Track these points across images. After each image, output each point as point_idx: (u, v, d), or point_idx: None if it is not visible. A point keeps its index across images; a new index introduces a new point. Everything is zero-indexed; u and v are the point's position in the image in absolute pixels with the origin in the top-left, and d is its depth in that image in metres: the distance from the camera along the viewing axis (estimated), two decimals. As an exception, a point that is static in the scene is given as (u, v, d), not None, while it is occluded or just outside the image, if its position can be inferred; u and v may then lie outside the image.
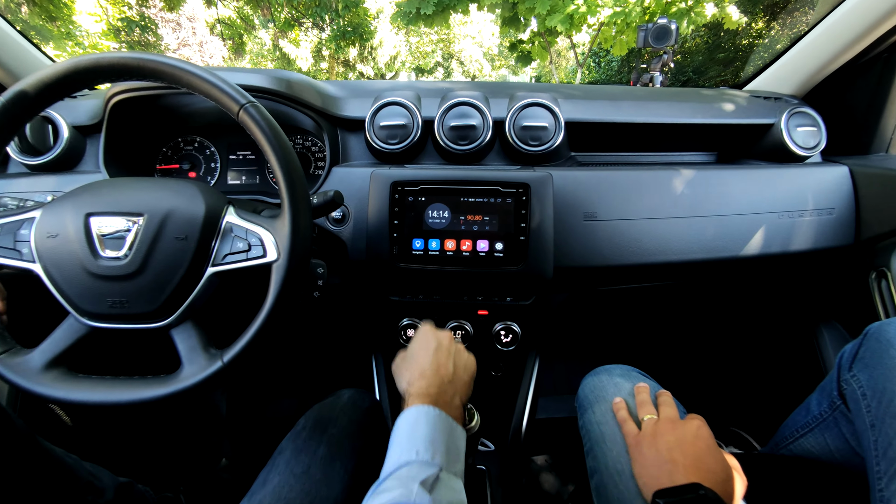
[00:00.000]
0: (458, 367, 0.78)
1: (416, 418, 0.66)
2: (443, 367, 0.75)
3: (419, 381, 0.73)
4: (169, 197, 0.69)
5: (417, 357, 0.78)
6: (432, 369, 0.74)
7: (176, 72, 0.66)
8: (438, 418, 0.67)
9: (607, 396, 0.87)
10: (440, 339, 0.80)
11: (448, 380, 0.74)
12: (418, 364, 0.76)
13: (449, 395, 0.72)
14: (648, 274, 1.06)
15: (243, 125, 0.67)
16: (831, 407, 0.87)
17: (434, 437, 0.64)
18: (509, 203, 0.94)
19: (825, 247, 1.07)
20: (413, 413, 0.67)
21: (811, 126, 1.11)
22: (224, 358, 0.66)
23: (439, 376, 0.74)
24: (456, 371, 0.76)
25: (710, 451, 0.70)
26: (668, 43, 2.64)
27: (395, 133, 1.02)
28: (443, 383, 0.73)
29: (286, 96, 0.98)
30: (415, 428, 0.65)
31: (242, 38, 12.32)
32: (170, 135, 1.14)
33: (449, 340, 0.81)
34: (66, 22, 11.06)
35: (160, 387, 0.66)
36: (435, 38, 17.37)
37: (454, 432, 0.68)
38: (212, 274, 0.69)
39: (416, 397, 0.70)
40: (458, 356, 0.79)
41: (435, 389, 0.71)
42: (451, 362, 0.77)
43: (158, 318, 0.68)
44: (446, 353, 0.78)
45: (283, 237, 0.67)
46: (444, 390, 0.72)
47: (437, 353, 0.77)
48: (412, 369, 0.76)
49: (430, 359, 0.76)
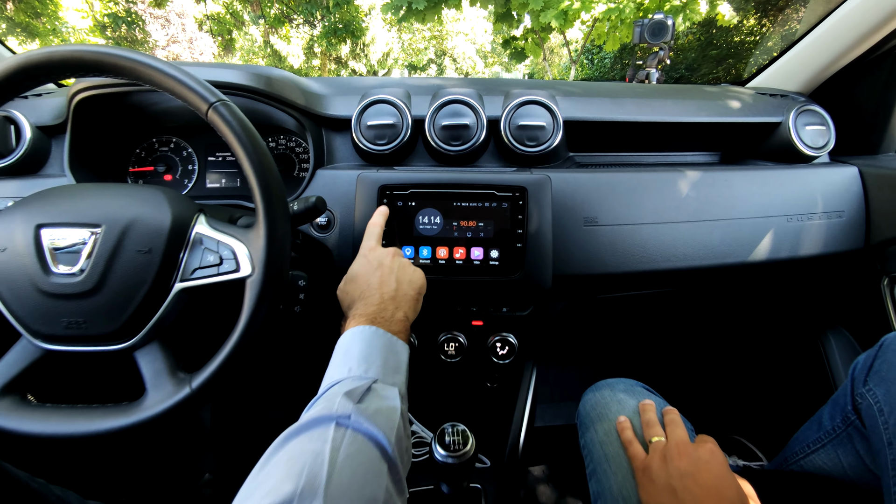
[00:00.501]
0: (402, 281, 0.74)
1: (350, 339, 0.63)
2: (385, 283, 0.72)
3: (358, 303, 0.70)
4: (131, 205, 0.62)
5: (357, 279, 0.74)
6: (372, 288, 0.71)
7: (137, 67, 0.59)
8: (374, 335, 0.64)
9: (610, 414, 0.82)
10: (381, 258, 0.76)
11: (389, 296, 0.71)
12: (357, 286, 0.73)
13: (390, 312, 0.69)
14: (651, 281, 1.01)
15: (213, 126, 0.60)
16: (845, 422, 0.83)
17: (369, 352, 0.61)
18: (505, 208, 0.88)
19: (835, 251, 1.02)
20: (348, 335, 0.64)
21: (819, 125, 1.06)
22: (193, 384, 0.60)
23: (379, 294, 0.70)
24: (399, 286, 0.73)
25: (724, 478, 0.64)
26: (664, 39, 2.58)
27: (383, 133, 0.96)
28: (383, 300, 0.70)
29: (265, 94, 0.91)
30: (349, 348, 0.62)
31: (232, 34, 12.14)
32: (143, 135, 1.07)
33: (391, 257, 0.76)
34: (52, 18, 10.88)
35: (121, 417, 0.59)
36: (428, 35, 17.26)
37: (394, 346, 0.65)
38: (180, 290, 0.63)
39: (352, 320, 0.67)
40: (401, 271, 0.75)
41: (374, 308, 0.68)
42: (394, 278, 0.73)
43: (120, 339, 0.62)
44: (388, 270, 0.74)
45: (258, 249, 0.61)
46: (384, 307, 0.69)
47: (378, 271, 0.73)
48: (351, 292, 0.73)
49: (369, 278, 0.73)
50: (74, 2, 11.29)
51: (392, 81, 1.11)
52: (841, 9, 1.03)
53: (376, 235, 0.80)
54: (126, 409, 0.61)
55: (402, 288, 0.73)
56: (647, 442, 0.73)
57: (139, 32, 11.38)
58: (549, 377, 1.68)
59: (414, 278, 0.76)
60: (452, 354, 0.98)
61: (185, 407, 0.59)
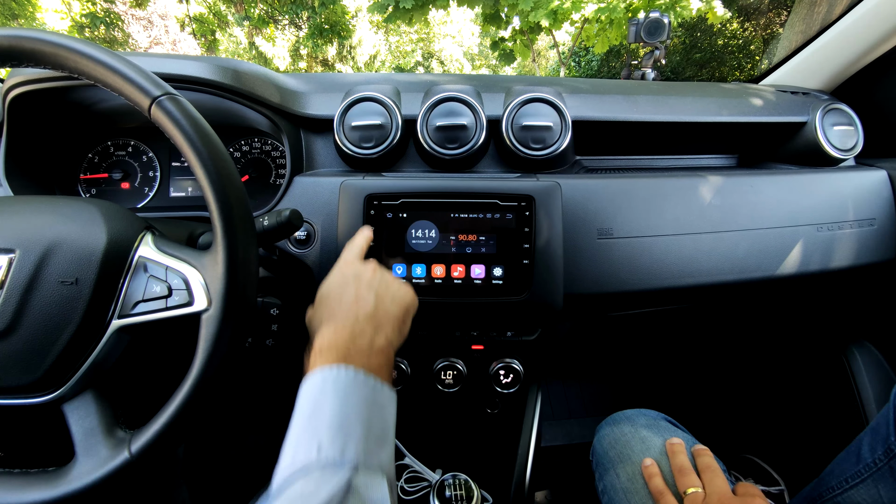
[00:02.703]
0: (383, 298, 0.59)
1: (320, 391, 0.48)
2: (362, 299, 0.57)
3: (326, 326, 0.55)
4: (54, 224, 0.50)
5: (328, 296, 0.59)
6: (345, 306, 0.57)
7: (61, 53, 0.48)
8: (351, 383, 0.49)
9: (633, 455, 0.72)
10: (358, 271, 0.62)
11: (366, 314, 0.56)
12: (328, 305, 0.58)
13: (367, 337, 0.54)
14: (670, 298, 0.91)
15: (158, 125, 0.49)
16: (887, 454, 0.75)
17: (344, 415, 0.46)
18: (510, 219, 0.77)
19: (867, 262, 0.93)
20: (316, 384, 0.49)
21: (847, 125, 0.98)
22: (133, 447, 0.48)
23: (353, 312, 0.56)
24: (380, 303, 0.58)
25: None
26: (660, 38, 2.51)
27: (369, 135, 0.85)
28: (357, 321, 0.55)
29: (233, 90, 0.79)
30: (318, 406, 0.47)
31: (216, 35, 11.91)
32: (97, 137, 0.94)
33: (372, 271, 0.62)
34: (30, 20, 10.59)
35: (41, 488, 0.47)
36: (415, 37, 17.15)
37: (377, 397, 0.50)
38: (118, 328, 0.51)
39: (320, 352, 0.52)
40: (383, 287, 0.61)
41: (346, 333, 0.53)
42: (373, 294, 0.59)
43: (43, 391, 0.50)
44: (366, 284, 0.60)
45: (216, 278, 0.49)
46: (359, 331, 0.54)
47: (352, 286, 0.59)
48: (319, 314, 0.58)
49: (342, 295, 0.58)
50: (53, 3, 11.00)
51: (379, 77, 1.00)
52: (867, 1, 0.95)
53: (356, 251, 0.67)
54: (50, 477, 0.49)
55: (384, 304, 0.59)
56: (682, 494, 0.63)
57: (119, 33, 11.10)
58: (551, 393, 1.58)
59: (399, 294, 0.62)
60: (450, 384, 0.87)
61: (123, 476, 0.48)
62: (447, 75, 1.07)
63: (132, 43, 11.52)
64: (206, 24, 11.60)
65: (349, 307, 0.57)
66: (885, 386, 1.08)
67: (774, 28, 8.26)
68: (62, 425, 0.52)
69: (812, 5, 3.08)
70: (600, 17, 5.55)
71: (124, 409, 0.54)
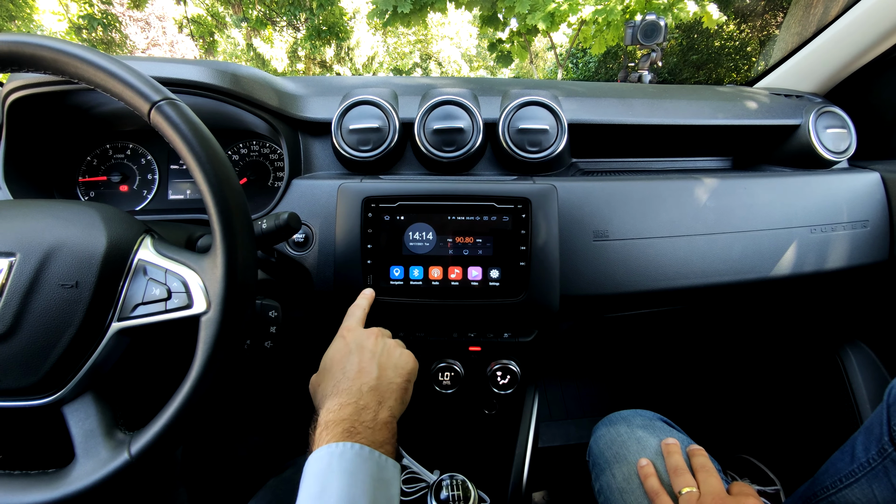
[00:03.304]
0: (386, 367, 0.61)
1: (327, 466, 0.49)
2: (365, 371, 0.59)
3: (332, 399, 0.56)
4: (54, 227, 0.51)
5: (332, 367, 0.61)
6: (348, 378, 0.58)
7: (61, 59, 0.48)
8: (357, 459, 0.49)
9: (629, 455, 0.73)
10: (360, 339, 0.63)
11: (369, 387, 0.57)
12: (331, 375, 0.59)
13: (371, 411, 0.55)
14: (665, 299, 0.92)
15: (158, 129, 0.49)
16: (881, 454, 0.75)
17: (352, 496, 0.47)
18: (506, 221, 0.78)
19: (860, 264, 0.94)
20: (324, 458, 0.49)
21: (840, 128, 0.99)
22: (133, 448, 0.48)
23: (357, 385, 0.57)
24: (382, 374, 0.60)
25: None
26: (657, 40, 2.52)
27: (367, 138, 0.85)
28: (361, 394, 0.56)
29: (232, 93, 0.80)
30: (325, 484, 0.48)
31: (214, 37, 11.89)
32: (95, 141, 0.95)
33: (374, 338, 0.64)
34: (27, 21, 10.56)
35: (42, 490, 0.48)
36: (413, 38, 17.17)
37: (383, 473, 0.51)
38: (118, 331, 0.51)
39: (326, 427, 0.53)
40: (385, 355, 0.62)
41: (351, 407, 0.54)
42: (376, 363, 0.60)
43: (44, 393, 0.51)
44: (369, 354, 0.61)
45: (215, 281, 0.50)
46: (364, 405, 0.55)
47: (355, 356, 0.61)
48: (324, 384, 0.59)
49: (345, 365, 0.60)
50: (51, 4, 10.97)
51: (377, 81, 1.00)
52: (860, 4, 0.96)
53: (358, 317, 0.68)
54: (50, 479, 0.49)
55: (387, 375, 0.60)
56: (677, 494, 0.64)
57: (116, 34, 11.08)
58: (548, 394, 1.59)
59: (400, 362, 0.63)
60: (448, 385, 0.88)
61: (123, 477, 0.48)
62: (444, 78, 1.08)
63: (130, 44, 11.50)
64: (203, 25, 11.59)
65: (353, 380, 0.58)
66: (879, 386, 1.08)
67: (771, 30, 8.30)
68: (62, 427, 0.53)
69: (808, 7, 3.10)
70: (597, 20, 5.57)
71: (124, 411, 0.54)
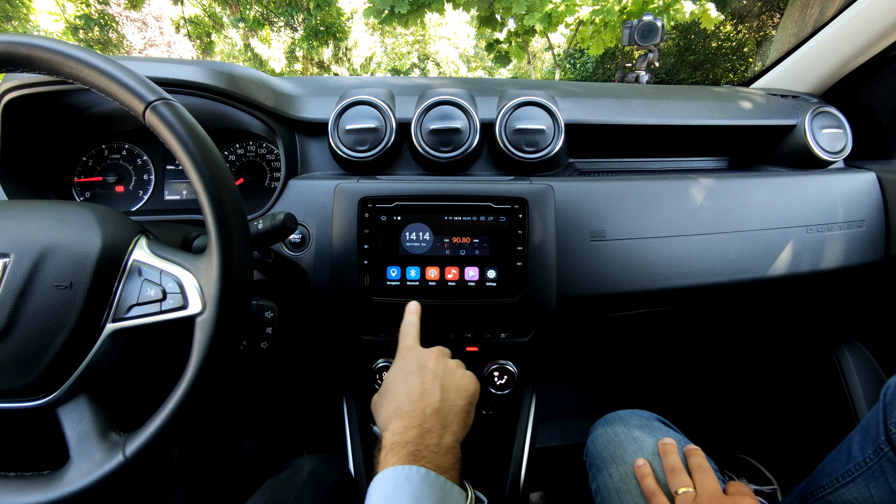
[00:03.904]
0: (448, 390, 0.60)
1: (393, 488, 0.48)
2: (427, 394, 0.58)
3: (396, 421, 0.56)
4: (48, 228, 0.50)
5: (394, 388, 0.60)
6: (412, 401, 0.57)
7: (56, 59, 0.48)
8: (423, 484, 0.49)
9: (626, 455, 0.73)
10: (421, 360, 0.63)
11: (433, 410, 0.57)
12: (394, 397, 0.59)
13: (436, 435, 0.55)
14: (662, 299, 0.92)
15: (153, 130, 0.49)
16: (877, 453, 0.75)
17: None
18: (503, 221, 0.78)
19: (856, 264, 0.95)
20: (390, 480, 0.49)
21: (836, 128, 0.99)
22: (127, 450, 0.48)
23: (421, 408, 0.56)
24: (445, 396, 0.59)
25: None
26: (654, 40, 2.53)
27: (364, 138, 0.85)
28: (425, 417, 0.56)
29: (228, 94, 0.80)
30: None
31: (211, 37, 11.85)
32: (91, 141, 0.94)
33: (435, 359, 0.63)
34: (24, 22, 10.51)
35: (36, 491, 0.48)
36: (410, 39, 17.17)
37: (447, 499, 0.50)
38: (112, 332, 0.51)
39: (391, 449, 0.52)
40: (447, 377, 0.62)
41: (415, 431, 0.54)
42: (438, 386, 0.59)
43: (38, 394, 0.50)
44: (431, 375, 0.60)
45: (210, 281, 0.50)
46: (428, 429, 0.55)
47: (417, 377, 0.60)
48: (387, 406, 0.59)
49: (408, 388, 0.59)
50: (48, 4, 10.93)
51: (373, 81, 1.00)
52: (856, 4, 0.96)
53: (413, 335, 0.68)
54: (45, 480, 0.49)
55: (449, 398, 0.59)
56: (673, 493, 0.64)
57: (113, 34, 11.04)
58: (546, 394, 1.59)
59: (462, 384, 0.62)
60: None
61: (118, 479, 0.48)
62: (441, 78, 1.08)
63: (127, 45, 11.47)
64: (201, 25, 11.55)
65: (416, 402, 0.57)
66: (875, 385, 1.09)
67: (767, 31, 8.33)
68: (57, 428, 0.52)
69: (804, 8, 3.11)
70: (594, 20, 5.57)
71: (119, 413, 0.54)
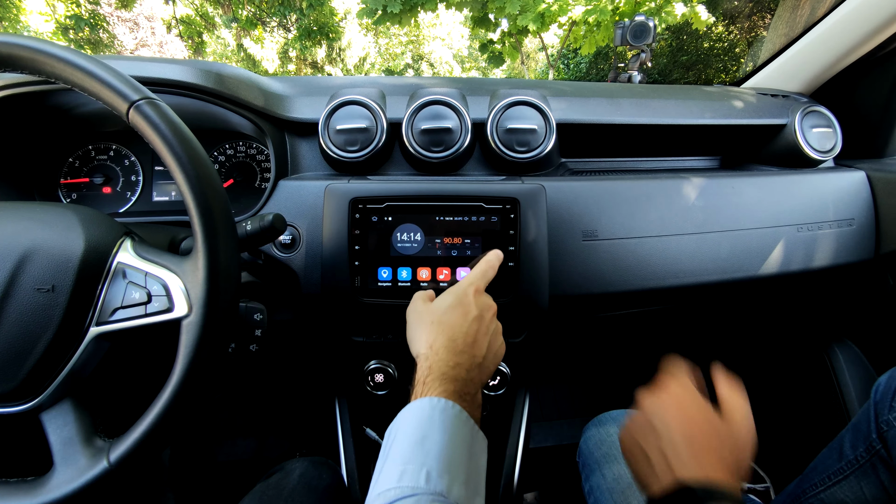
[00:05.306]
0: (492, 350, 0.59)
1: (429, 416, 0.47)
2: (478, 345, 0.57)
3: (445, 351, 0.54)
4: (30, 230, 0.49)
5: (451, 316, 0.58)
6: (467, 343, 0.56)
7: (38, 58, 0.47)
8: (459, 422, 0.48)
9: (618, 455, 0.73)
10: (483, 309, 0.60)
11: (478, 363, 0.56)
12: (449, 326, 0.57)
13: (475, 387, 0.54)
14: (654, 298, 0.92)
15: (137, 130, 0.48)
16: (868, 451, 0.76)
17: (452, 454, 0.45)
18: (495, 222, 0.77)
19: (846, 262, 0.95)
20: (426, 407, 0.48)
21: (826, 127, 0.99)
22: (112, 456, 0.47)
23: (470, 355, 0.55)
24: (487, 355, 0.58)
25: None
26: (646, 41, 2.54)
27: (354, 138, 0.84)
28: (472, 366, 0.55)
29: (216, 93, 0.79)
30: (427, 432, 0.46)
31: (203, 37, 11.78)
32: (78, 142, 0.93)
33: (492, 315, 0.62)
34: (14, 22, 10.40)
35: (18, 499, 0.47)
36: (404, 39, 17.16)
37: (475, 445, 0.49)
38: (96, 335, 0.50)
39: (436, 379, 0.51)
40: (495, 336, 0.61)
41: (463, 373, 0.53)
42: (487, 342, 0.58)
43: (20, 400, 0.49)
44: (485, 330, 0.59)
45: (196, 283, 0.49)
46: (471, 378, 0.54)
47: (476, 324, 0.58)
48: (440, 330, 0.56)
49: (466, 327, 0.57)
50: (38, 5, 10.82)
51: (364, 81, 0.99)
52: (846, 4, 0.96)
53: (487, 277, 0.65)
54: (29, 487, 0.48)
55: (489, 358, 0.59)
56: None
57: (104, 34, 10.95)
58: (539, 395, 1.59)
59: (500, 351, 0.62)
60: None
61: (102, 485, 0.47)
62: (433, 78, 1.08)
63: (118, 45, 11.38)
64: (193, 25, 11.48)
65: (470, 346, 0.56)
66: (867, 383, 1.09)
67: (759, 31, 8.39)
68: (40, 434, 0.51)
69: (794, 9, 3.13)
70: (587, 20, 5.59)
71: (103, 418, 0.53)
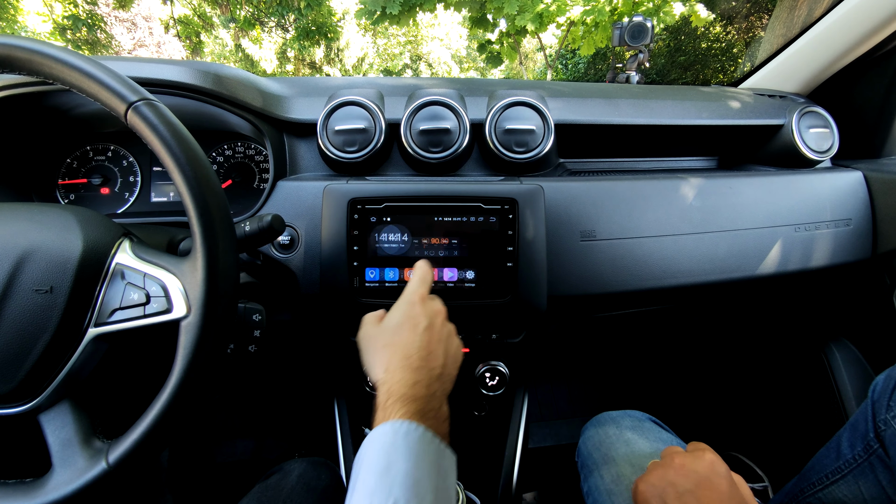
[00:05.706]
0: (448, 356, 0.57)
1: (392, 442, 0.45)
2: (434, 356, 0.55)
3: (401, 372, 0.52)
4: (28, 231, 0.49)
5: (401, 334, 0.56)
6: (421, 358, 0.54)
7: (35, 59, 0.47)
8: (425, 443, 0.46)
9: (617, 457, 0.73)
10: (432, 315, 0.58)
11: (436, 375, 0.54)
12: (401, 345, 0.55)
13: (437, 401, 0.52)
14: (652, 298, 0.92)
15: (135, 131, 0.48)
16: (866, 451, 0.76)
17: (419, 478, 0.44)
18: (493, 222, 0.78)
19: (843, 262, 0.95)
20: (388, 433, 0.46)
21: (823, 127, 1.00)
22: (110, 457, 0.47)
23: (428, 368, 0.53)
24: (446, 363, 0.56)
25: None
26: (643, 41, 2.55)
27: (353, 139, 0.84)
28: (432, 380, 0.52)
29: (215, 94, 0.79)
30: (391, 459, 0.44)
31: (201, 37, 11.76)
32: (75, 143, 0.93)
33: (442, 320, 0.60)
34: (11, 23, 10.37)
35: (16, 500, 0.47)
36: (403, 39, 17.16)
37: (442, 462, 0.47)
38: (95, 336, 0.50)
39: (401, 400, 0.49)
40: (449, 341, 0.59)
41: (423, 391, 0.51)
42: (442, 349, 0.56)
43: (19, 401, 0.49)
44: (438, 337, 0.57)
45: (195, 284, 0.49)
46: (432, 392, 0.52)
47: (427, 334, 0.56)
48: (392, 350, 0.55)
49: (418, 341, 0.55)
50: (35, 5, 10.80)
51: (362, 81, 0.99)
52: (842, 5, 0.97)
53: (426, 287, 0.63)
54: (27, 488, 0.48)
55: (448, 366, 0.56)
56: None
57: (102, 35, 10.93)
58: (538, 395, 1.59)
59: (458, 354, 0.60)
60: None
61: (101, 486, 0.47)
62: (431, 79, 1.08)
63: (116, 45, 11.35)
64: (191, 26, 11.46)
65: (424, 360, 0.54)
66: (864, 382, 1.10)
67: (756, 31, 8.41)
68: (39, 435, 0.51)
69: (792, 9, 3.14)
70: (585, 20, 5.60)
71: (102, 419, 0.53)
